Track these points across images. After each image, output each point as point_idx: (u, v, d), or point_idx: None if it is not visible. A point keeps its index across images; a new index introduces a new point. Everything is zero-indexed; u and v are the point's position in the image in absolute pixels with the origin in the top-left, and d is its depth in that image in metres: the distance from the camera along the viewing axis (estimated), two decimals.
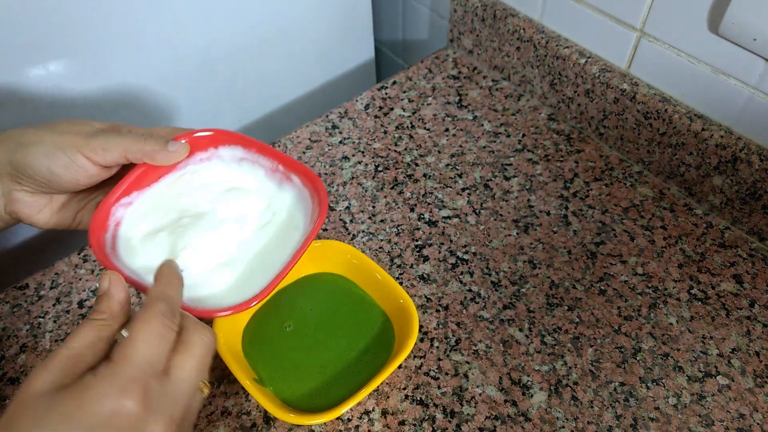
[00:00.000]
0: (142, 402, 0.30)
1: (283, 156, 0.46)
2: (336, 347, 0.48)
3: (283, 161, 0.46)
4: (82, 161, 0.39)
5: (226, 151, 0.46)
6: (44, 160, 0.38)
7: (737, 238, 0.57)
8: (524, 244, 0.56)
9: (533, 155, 0.64)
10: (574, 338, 0.50)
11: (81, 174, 0.39)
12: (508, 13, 0.67)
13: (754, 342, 0.50)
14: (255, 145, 0.46)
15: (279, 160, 0.46)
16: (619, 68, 0.61)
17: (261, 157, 0.46)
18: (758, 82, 0.51)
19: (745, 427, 0.45)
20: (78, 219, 0.44)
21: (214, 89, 0.71)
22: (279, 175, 0.46)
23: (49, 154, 0.38)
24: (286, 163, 0.46)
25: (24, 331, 0.52)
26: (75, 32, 0.56)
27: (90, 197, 0.45)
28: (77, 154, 0.38)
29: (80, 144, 0.39)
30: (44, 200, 0.42)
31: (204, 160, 0.46)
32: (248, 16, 0.68)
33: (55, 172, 0.39)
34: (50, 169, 0.38)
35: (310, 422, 0.43)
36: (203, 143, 0.45)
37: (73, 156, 0.38)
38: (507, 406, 0.46)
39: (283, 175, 0.46)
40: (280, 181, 0.46)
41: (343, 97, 0.74)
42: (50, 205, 0.43)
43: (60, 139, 0.39)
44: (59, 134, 0.39)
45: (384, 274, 0.49)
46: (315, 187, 0.44)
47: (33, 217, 0.42)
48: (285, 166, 0.46)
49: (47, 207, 0.43)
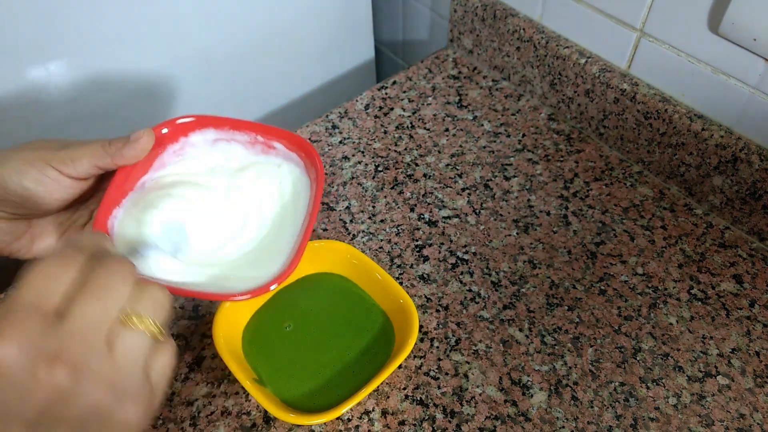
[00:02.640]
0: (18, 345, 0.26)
1: (260, 125, 0.43)
2: (336, 347, 0.48)
3: (261, 130, 0.43)
4: (53, 174, 0.38)
5: (198, 137, 0.44)
6: (15, 177, 0.37)
7: (737, 238, 0.57)
8: (524, 244, 0.56)
9: (533, 155, 0.64)
10: (574, 338, 0.50)
11: (54, 187, 0.38)
12: (508, 13, 0.67)
13: (754, 342, 0.50)
14: (228, 122, 0.44)
15: (256, 131, 0.44)
16: (619, 68, 0.61)
17: (236, 132, 0.44)
18: (758, 82, 0.51)
19: (745, 427, 0.45)
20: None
21: (214, 89, 0.71)
22: (260, 146, 0.44)
23: (19, 170, 0.37)
24: (265, 132, 0.43)
25: None
26: (75, 32, 0.56)
27: (71, 219, 0.43)
28: (47, 167, 0.37)
29: (48, 157, 0.37)
30: (23, 226, 0.41)
31: (177, 151, 0.43)
32: (248, 16, 0.68)
33: (27, 188, 0.37)
34: (22, 185, 0.37)
35: (310, 422, 0.43)
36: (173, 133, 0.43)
37: (43, 169, 0.37)
38: (507, 406, 0.46)
39: (264, 145, 0.44)
40: (264, 152, 0.44)
41: (343, 97, 0.74)
42: (30, 231, 0.41)
43: (29, 155, 0.38)
44: (28, 151, 0.38)
45: (384, 274, 0.49)
46: (303, 150, 0.42)
47: (12, 245, 0.41)
48: (264, 135, 0.44)
49: (27, 233, 0.41)
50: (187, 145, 0.44)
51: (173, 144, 0.43)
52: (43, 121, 0.59)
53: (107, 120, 0.64)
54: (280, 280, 0.38)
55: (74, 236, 0.31)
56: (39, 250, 0.42)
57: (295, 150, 0.44)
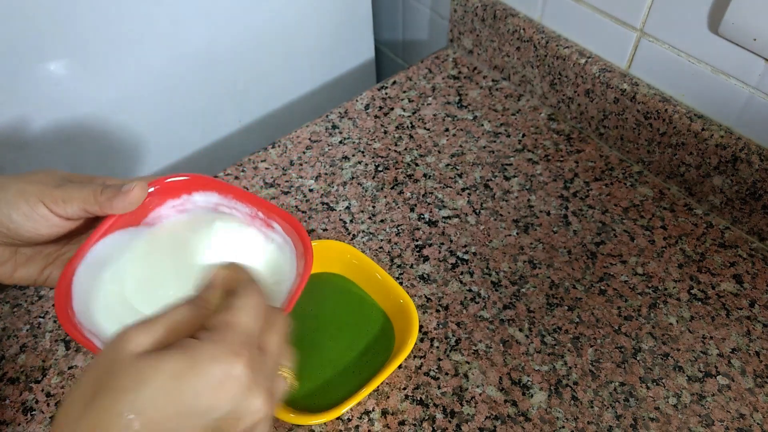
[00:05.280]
0: (251, 369, 0.29)
1: (263, 201, 0.42)
2: (336, 347, 0.48)
3: (263, 207, 0.42)
4: (43, 211, 0.38)
5: (200, 197, 0.42)
6: (5, 208, 0.37)
7: (737, 238, 0.57)
8: (524, 244, 0.56)
9: (533, 155, 0.64)
10: (574, 338, 0.50)
11: (41, 224, 0.38)
12: (508, 13, 0.67)
13: (754, 342, 0.50)
14: (232, 190, 0.42)
15: (258, 206, 0.42)
16: (619, 68, 0.61)
17: (238, 203, 0.42)
18: (758, 82, 0.51)
19: (745, 427, 0.45)
20: (45, 275, 0.42)
21: (214, 89, 0.71)
22: (259, 222, 0.42)
23: (11, 202, 0.37)
24: (267, 209, 0.42)
25: (24, 331, 0.52)
26: (75, 32, 0.56)
27: (59, 252, 0.43)
28: (38, 204, 0.37)
29: (43, 194, 0.37)
30: (8, 252, 0.41)
31: (177, 207, 0.42)
32: (248, 16, 0.68)
33: (15, 221, 0.37)
34: (10, 218, 0.37)
35: (310, 422, 0.43)
36: (176, 189, 0.41)
37: (35, 206, 0.37)
38: (507, 406, 0.46)
39: (263, 222, 0.42)
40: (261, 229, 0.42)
41: (343, 97, 0.74)
42: (14, 258, 0.41)
43: (25, 187, 0.37)
44: (25, 183, 0.38)
45: (384, 274, 0.49)
46: (299, 234, 0.40)
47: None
48: (265, 212, 0.42)
49: (11, 260, 0.41)
50: (188, 202, 0.42)
51: (174, 200, 0.42)
52: (43, 120, 0.59)
53: (107, 120, 0.64)
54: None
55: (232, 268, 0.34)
56: (19, 278, 0.42)
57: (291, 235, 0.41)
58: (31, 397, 0.48)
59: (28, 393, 0.48)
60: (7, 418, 0.47)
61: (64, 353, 0.50)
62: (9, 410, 0.47)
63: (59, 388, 0.48)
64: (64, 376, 0.49)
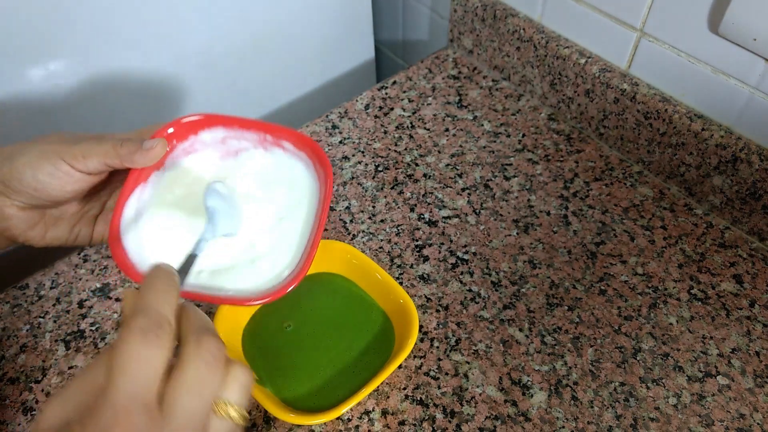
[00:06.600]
0: None
1: (268, 125, 0.44)
2: (336, 347, 0.48)
3: (270, 130, 0.44)
4: (65, 168, 0.39)
5: (207, 135, 0.44)
6: (29, 171, 0.39)
7: (737, 238, 0.57)
8: (524, 244, 0.56)
9: (533, 155, 0.64)
10: (574, 338, 0.50)
11: (66, 180, 0.40)
12: (508, 13, 0.67)
13: (754, 342, 0.50)
14: (236, 121, 0.44)
15: (265, 130, 0.44)
16: (619, 68, 0.61)
17: (245, 131, 0.44)
18: (758, 82, 0.51)
19: (745, 427, 0.45)
20: (75, 233, 0.44)
21: (215, 89, 0.71)
22: (268, 146, 0.44)
23: (34, 163, 0.39)
24: (273, 131, 0.44)
25: (24, 331, 0.52)
26: (75, 32, 0.56)
27: (83, 210, 0.45)
28: (60, 162, 0.39)
29: (63, 152, 0.39)
30: (36, 215, 0.42)
31: (186, 149, 0.44)
32: (248, 15, 0.68)
33: (41, 180, 0.39)
34: (36, 178, 0.39)
35: (310, 422, 0.43)
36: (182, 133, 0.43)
37: (57, 164, 0.39)
38: (507, 406, 0.46)
39: (272, 144, 0.44)
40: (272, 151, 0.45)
41: (343, 97, 0.74)
42: (43, 220, 0.43)
43: (45, 148, 0.39)
44: (44, 144, 0.40)
45: (384, 274, 0.49)
46: (311, 149, 0.42)
47: (27, 233, 0.42)
48: (272, 135, 0.44)
49: (40, 223, 0.42)
50: (197, 143, 0.44)
51: (183, 142, 0.44)
52: (43, 119, 0.59)
53: (107, 119, 0.64)
54: (295, 281, 0.38)
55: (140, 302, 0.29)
56: (51, 239, 0.43)
57: (303, 149, 0.44)
58: (31, 397, 0.48)
59: (28, 393, 0.48)
60: (7, 418, 0.47)
61: (64, 353, 0.50)
62: (9, 410, 0.47)
63: (59, 388, 0.48)
64: (64, 376, 0.49)
